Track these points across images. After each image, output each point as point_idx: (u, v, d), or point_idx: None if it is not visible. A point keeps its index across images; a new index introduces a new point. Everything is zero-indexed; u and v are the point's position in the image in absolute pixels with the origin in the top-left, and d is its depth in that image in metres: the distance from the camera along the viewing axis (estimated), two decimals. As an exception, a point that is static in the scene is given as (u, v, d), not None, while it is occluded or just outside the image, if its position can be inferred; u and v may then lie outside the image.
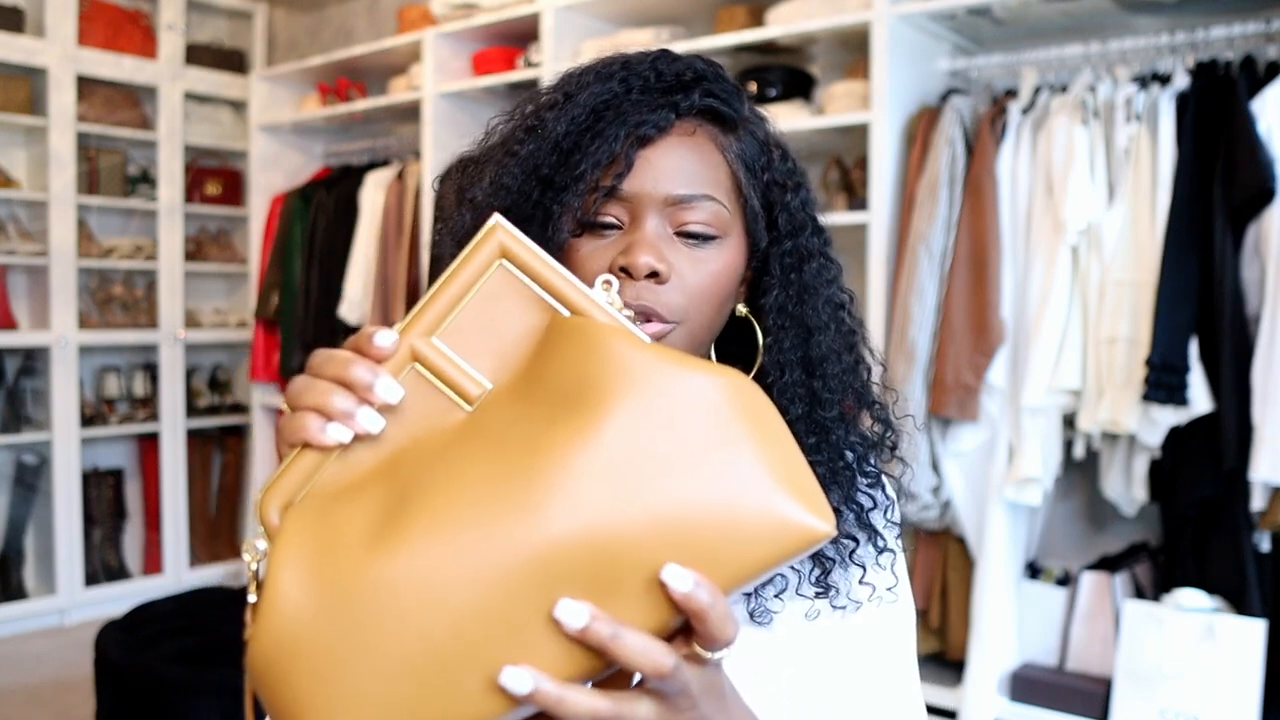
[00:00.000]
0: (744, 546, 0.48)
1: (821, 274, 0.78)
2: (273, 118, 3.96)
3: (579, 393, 0.51)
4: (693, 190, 0.72)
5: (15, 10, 3.64)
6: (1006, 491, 2.29)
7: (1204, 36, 2.19)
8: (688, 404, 0.50)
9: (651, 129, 0.72)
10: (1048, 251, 2.22)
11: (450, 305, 0.55)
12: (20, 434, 3.70)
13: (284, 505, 0.53)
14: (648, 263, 0.70)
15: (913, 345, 2.35)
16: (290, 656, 0.48)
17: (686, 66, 0.75)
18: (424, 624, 0.47)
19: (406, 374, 0.54)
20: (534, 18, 3.04)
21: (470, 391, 0.54)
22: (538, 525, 0.47)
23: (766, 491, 0.48)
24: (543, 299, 0.55)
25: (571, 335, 0.53)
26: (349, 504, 0.52)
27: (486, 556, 0.47)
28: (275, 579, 0.49)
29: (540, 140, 0.74)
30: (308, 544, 0.50)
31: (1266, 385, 1.98)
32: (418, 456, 0.52)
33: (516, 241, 0.55)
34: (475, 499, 0.48)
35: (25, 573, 3.79)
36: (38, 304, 3.77)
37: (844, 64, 2.81)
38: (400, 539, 0.48)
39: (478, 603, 0.47)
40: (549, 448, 0.49)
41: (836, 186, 2.79)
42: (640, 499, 0.48)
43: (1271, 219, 1.99)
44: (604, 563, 0.47)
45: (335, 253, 3.65)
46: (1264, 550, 2.09)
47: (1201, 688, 2.07)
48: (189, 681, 2.22)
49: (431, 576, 0.47)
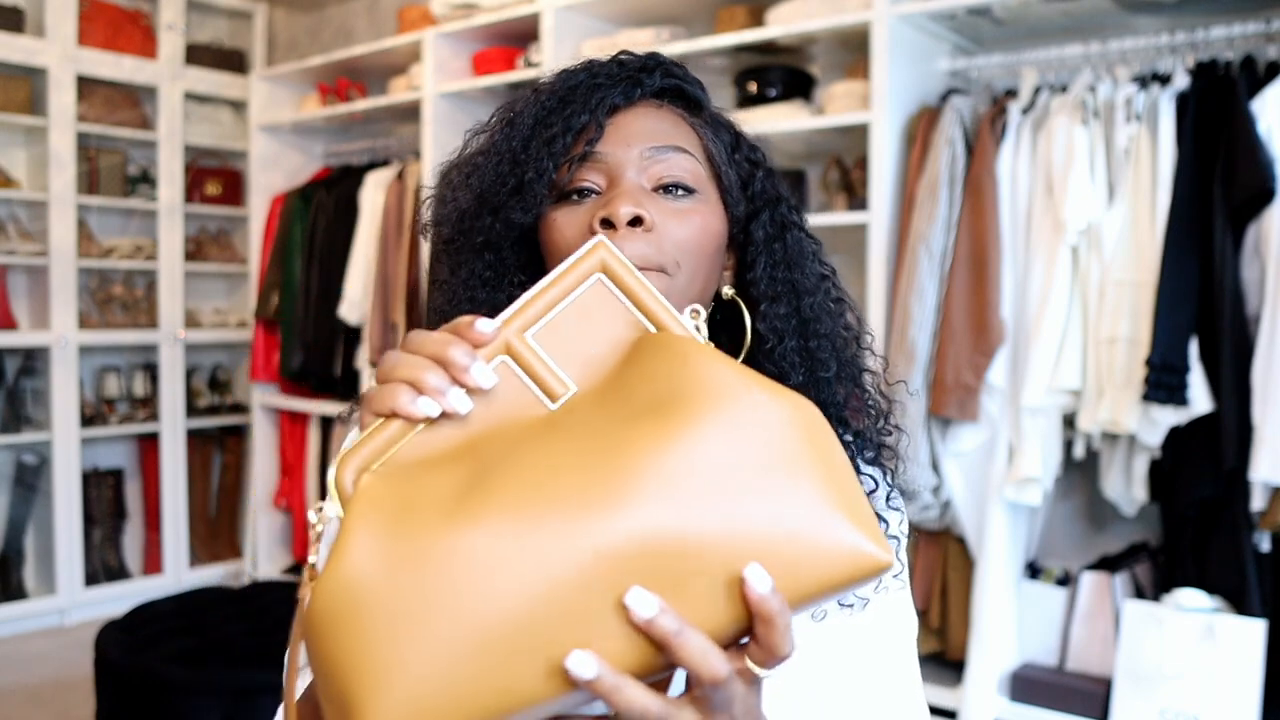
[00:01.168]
0: (809, 567, 0.49)
1: (804, 244, 0.80)
2: (273, 118, 3.96)
3: (665, 401, 0.52)
4: (665, 143, 0.75)
5: (15, 10, 3.64)
6: (1006, 491, 2.29)
7: (1204, 36, 2.19)
8: (764, 423, 0.51)
9: (620, 98, 0.75)
10: (1048, 251, 2.22)
11: (547, 307, 0.57)
12: (20, 434, 3.70)
13: (360, 472, 0.54)
14: (628, 210, 0.70)
15: (913, 345, 2.35)
16: (354, 613, 0.48)
17: (648, 56, 0.79)
18: (494, 598, 0.47)
19: (497, 365, 0.56)
20: (534, 18, 3.04)
21: (556, 390, 0.56)
22: (617, 518, 0.48)
23: (832, 517, 0.50)
24: (633, 316, 0.58)
25: (661, 348, 0.56)
26: (428, 476, 0.53)
27: (563, 540, 0.48)
28: (348, 537, 0.50)
29: (513, 126, 0.77)
30: (383, 508, 0.51)
31: (1266, 385, 1.98)
32: (500, 441, 0.54)
33: (616, 259, 0.58)
34: (556, 485, 0.49)
35: (25, 573, 3.79)
36: (38, 304, 3.77)
37: (844, 64, 2.81)
38: (478, 512, 0.49)
39: (549, 584, 0.47)
40: (632, 448, 0.50)
41: (836, 186, 2.79)
42: (715, 507, 0.49)
43: (1271, 219, 1.99)
44: (675, 562, 0.48)
45: (335, 253, 3.65)
46: (1264, 550, 2.09)
47: (1201, 688, 2.07)
48: (189, 681, 2.22)
49: (506, 552, 0.48)
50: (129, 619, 2.58)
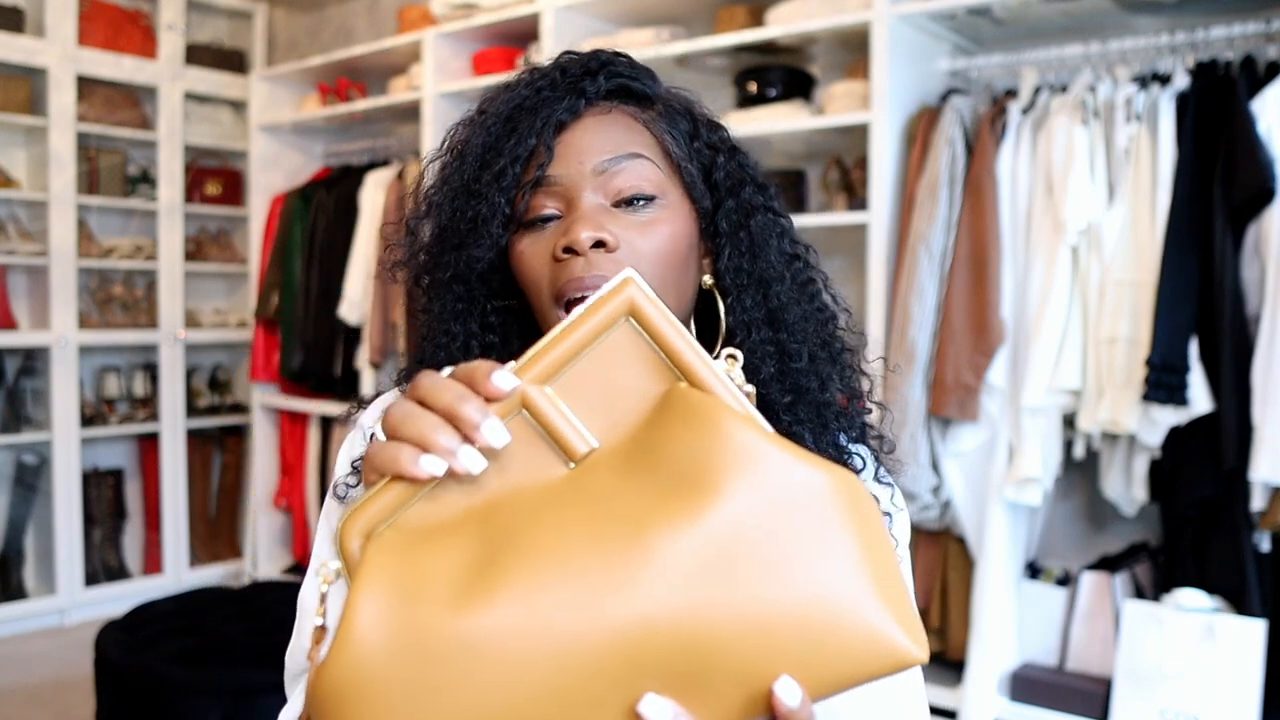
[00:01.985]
0: (837, 660, 0.47)
1: (770, 228, 0.78)
2: (273, 118, 3.96)
3: (691, 472, 0.49)
4: (618, 153, 0.73)
5: (15, 10, 3.64)
6: (1006, 491, 2.29)
7: (1204, 36, 2.19)
8: (797, 498, 0.48)
9: (565, 114, 0.73)
10: (1048, 251, 2.22)
11: (569, 356, 0.53)
12: (20, 434, 3.70)
13: (365, 535, 0.51)
14: (589, 235, 0.70)
15: (913, 345, 2.35)
16: (359, 696, 0.47)
17: (590, 58, 0.77)
18: (501, 692, 0.46)
19: (512, 420, 0.52)
20: (534, 18, 3.04)
21: (577, 449, 0.52)
22: (632, 605, 0.46)
23: (866, 605, 0.47)
24: (663, 364, 0.53)
25: (689, 409, 0.51)
26: (437, 546, 0.50)
27: (575, 631, 0.46)
28: (354, 613, 0.48)
29: (463, 158, 0.76)
30: (390, 582, 0.48)
31: (1266, 385, 1.98)
32: (513, 509, 0.51)
33: (648, 300, 0.53)
34: (570, 568, 0.47)
35: (25, 573, 3.79)
36: (38, 304, 3.77)
37: (844, 64, 2.81)
38: (488, 597, 0.47)
39: (559, 678, 0.46)
40: (654, 525, 0.47)
41: (836, 186, 2.79)
42: (740, 593, 0.46)
43: (1271, 219, 1.99)
44: (694, 655, 0.46)
45: (335, 253, 3.64)
46: (1264, 550, 2.09)
47: (1201, 688, 2.07)
48: (189, 681, 2.22)
49: (515, 643, 0.46)
50: (129, 619, 2.58)
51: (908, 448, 2.36)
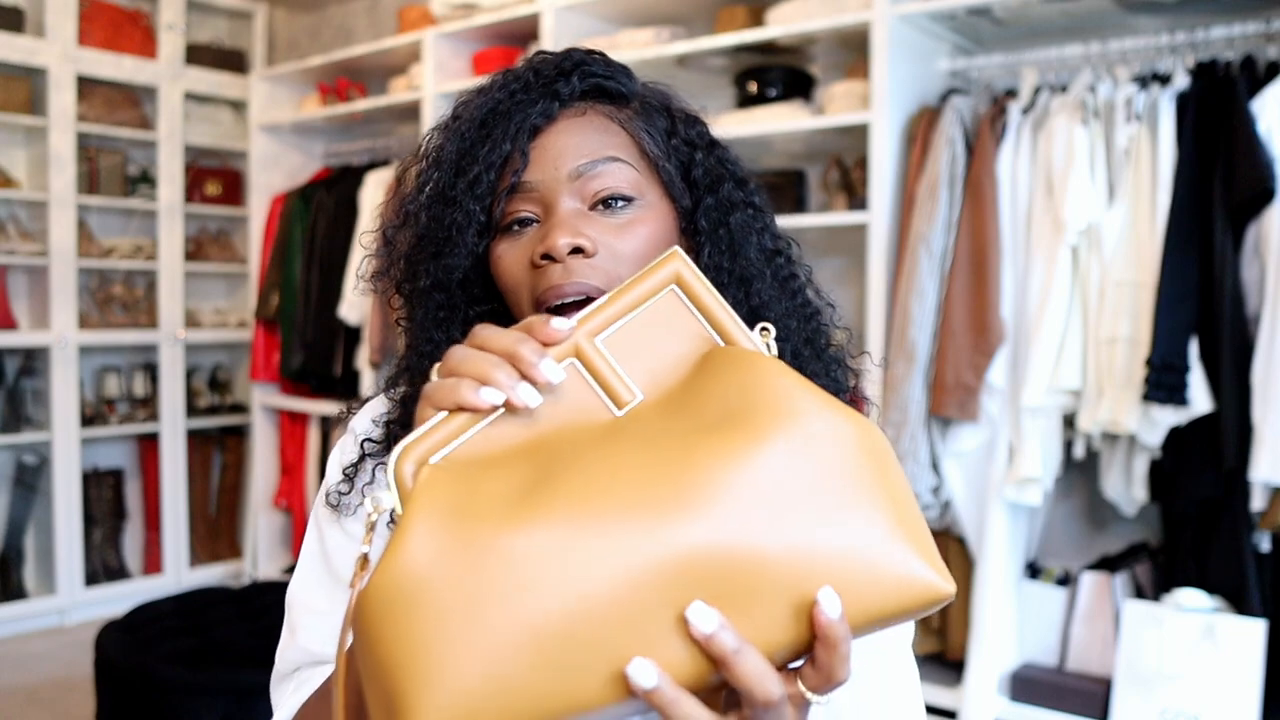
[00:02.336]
0: (873, 594, 0.49)
1: (750, 224, 0.78)
2: (273, 118, 3.96)
3: (733, 415, 0.52)
4: (594, 157, 0.72)
5: (15, 10, 3.64)
6: (1006, 491, 2.29)
7: (1204, 36, 2.19)
8: (833, 442, 0.51)
9: (539, 118, 0.73)
10: (1048, 251, 2.22)
11: (619, 315, 0.57)
12: (20, 434, 3.70)
13: (420, 465, 0.53)
14: (566, 242, 0.69)
15: (913, 345, 2.35)
16: (408, 607, 0.47)
17: (563, 58, 0.76)
18: (554, 599, 0.46)
19: (566, 367, 0.56)
20: (534, 18, 3.04)
21: (623, 396, 0.56)
22: (683, 527, 0.48)
23: (898, 544, 0.49)
24: (703, 329, 0.58)
25: (732, 362, 0.55)
26: (490, 472, 0.52)
27: (628, 547, 0.47)
28: (406, 531, 0.49)
29: (438, 165, 0.76)
30: (443, 503, 0.50)
31: (1266, 385, 1.98)
32: (563, 444, 0.53)
33: (691, 271, 0.58)
34: (623, 490, 0.49)
35: (25, 573, 3.79)
36: (38, 304, 3.77)
37: (844, 64, 2.81)
38: (543, 512, 0.48)
39: (611, 590, 0.47)
40: (702, 459, 0.50)
41: (836, 186, 2.79)
42: (781, 525, 0.48)
43: (1271, 219, 1.99)
44: (738, 577, 0.48)
45: (335, 253, 3.64)
46: (1264, 550, 2.10)
47: (1201, 688, 2.07)
48: (189, 681, 2.22)
49: (570, 555, 0.47)
50: (129, 619, 2.58)
51: (908, 448, 2.36)
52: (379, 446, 0.80)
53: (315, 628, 0.79)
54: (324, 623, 0.79)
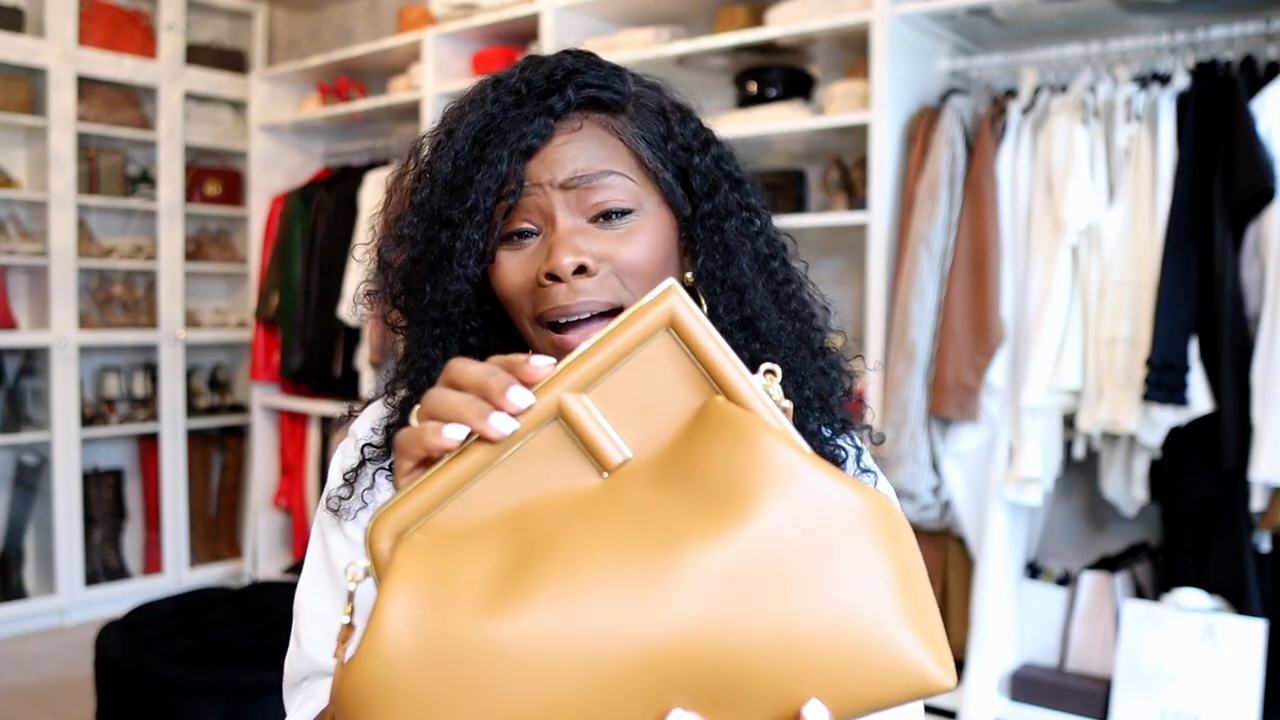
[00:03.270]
0: (864, 683, 0.47)
1: (744, 229, 0.77)
2: (273, 118, 3.96)
3: (726, 487, 0.49)
4: (591, 171, 0.72)
5: (15, 10, 3.64)
6: (1006, 491, 2.29)
7: (1204, 36, 2.19)
8: (832, 518, 0.48)
9: (534, 139, 0.72)
10: (1048, 251, 2.22)
11: (606, 365, 0.52)
12: (20, 434, 3.70)
13: (395, 536, 0.51)
14: (570, 261, 0.69)
15: (913, 345, 2.35)
16: (386, 698, 0.46)
17: (555, 66, 0.75)
18: (527, 700, 0.45)
19: (548, 427, 0.52)
20: (534, 18, 3.04)
21: (611, 459, 0.52)
22: (662, 618, 0.45)
23: (896, 630, 0.47)
24: (701, 377, 0.53)
25: (726, 424, 0.51)
26: (468, 550, 0.49)
27: (604, 641, 0.45)
28: (383, 614, 0.47)
29: (432, 184, 0.75)
30: (420, 584, 0.48)
31: (1266, 385, 1.98)
32: (545, 516, 0.50)
33: (688, 311, 0.53)
34: (601, 578, 0.46)
35: (25, 573, 3.79)
36: (38, 304, 3.77)
37: (844, 64, 2.81)
38: (518, 604, 0.46)
39: (586, 688, 0.45)
40: (686, 540, 0.47)
41: (836, 186, 2.79)
42: (771, 610, 0.46)
43: (1271, 219, 1.99)
44: (722, 671, 0.46)
45: (335, 253, 3.64)
46: (1264, 550, 2.10)
47: (1201, 688, 2.07)
48: (189, 681, 2.22)
49: (544, 651, 0.45)
50: (129, 619, 2.58)
51: (907, 448, 2.36)
52: (379, 451, 0.80)
53: (319, 636, 0.79)
54: (329, 629, 0.79)
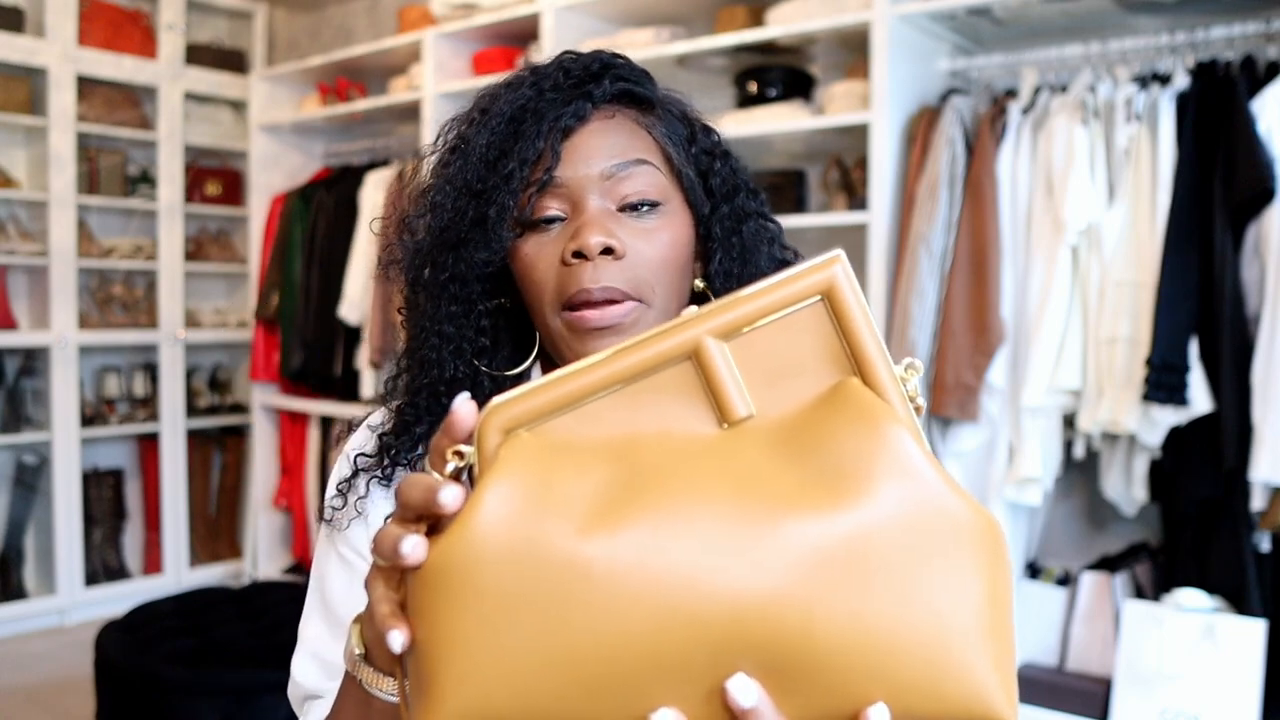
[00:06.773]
0: (930, 699, 0.46)
1: (760, 234, 0.80)
2: (273, 118, 3.96)
3: (842, 466, 0.48)
4: (624, 158, 0.73)
5: (15, 10, 3.64)
6: (1006, 491, 2.29)
7: (1204, 36, 2.19)
8: (940, 526, 0.47)
9: (571, 119, 0.73)
10: (1048, 251, 2.22)
11: (753, 317, 0.51)
12: (20, 434, 3.70)
13: (505, 431, 0.49)
14: (600, 241, 0.70)
15: (913, 345, 2.35)
16: (464, 585, 0.46)
17: (592, 59, 0.77)
18: (599, 626, 0.45)
19: (681, 366, 0.50)
20: (534, 18, 3.04)
21: (736, 411, 0.50)
22: (749, 580, 0.45)
23: (977, 655, 0.46)
24: (843, 353, 0.51)
25: (858, 406, 0.49)
26: (574, 464, 0.48)
27: (687, 587, 0.45)
28: (481, 504, 0.46)
29: (465, 156, 0.75)
30: (521, 484, 0.47)
31: (1266, 385, 1.98)
32: (655, 451, 0.49)
33: (849, 284, 0.51)
34: (699, 525, 0.46)
35: (25, 573, 3.79)
36: (38, 304, 3.77)
37: (844, 64, 2.81)
38: (613, 530, 0.46)
39: (659, 629, 0.45)
40: (792, 509, 0.46)
41: (836, 186, 2.79)
42: (856, 600, 0.45)
43: (1271, 219, 1.99)
44: (795, 650, 0.45)
45: (335, 253, 3.65)
46: (1264, 550, 2.09)
47: (1201, 688, 2.07)
48: (189, 681, 2.22)
49: (628, 582, 0.45)
50: (129, 619, 2.58)
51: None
52: (372, 460, 0.80)
53: (308, 664, 0.79)
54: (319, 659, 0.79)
